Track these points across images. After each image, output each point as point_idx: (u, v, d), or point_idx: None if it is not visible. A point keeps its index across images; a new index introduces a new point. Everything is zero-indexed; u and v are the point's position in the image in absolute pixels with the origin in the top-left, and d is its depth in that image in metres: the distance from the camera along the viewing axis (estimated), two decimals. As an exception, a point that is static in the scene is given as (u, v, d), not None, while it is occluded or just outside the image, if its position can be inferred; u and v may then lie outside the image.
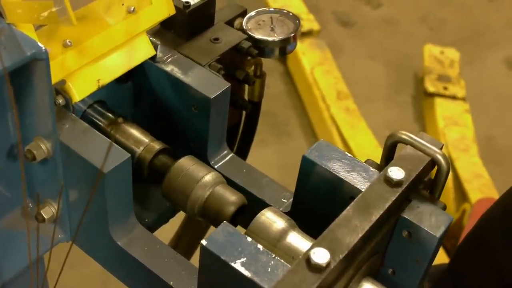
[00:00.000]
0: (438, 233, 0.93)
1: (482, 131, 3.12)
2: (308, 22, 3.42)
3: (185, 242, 1.55)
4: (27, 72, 0.91)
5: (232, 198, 1.04)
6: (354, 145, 2.86)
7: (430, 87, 3.21)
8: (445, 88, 3.20)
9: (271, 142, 3.07)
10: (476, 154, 2.93)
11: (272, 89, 3.25)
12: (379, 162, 1.03)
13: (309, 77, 3.18)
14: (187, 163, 1.07)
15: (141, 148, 1.11)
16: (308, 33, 3.38)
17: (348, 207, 0.90)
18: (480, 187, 2.75)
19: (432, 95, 3.20)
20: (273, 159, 2.95)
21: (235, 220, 1.05)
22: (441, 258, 2.07)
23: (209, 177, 1.05)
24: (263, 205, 1.06)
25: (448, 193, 2.77)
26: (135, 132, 1.12)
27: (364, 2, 3.90)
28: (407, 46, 3.62)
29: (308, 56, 3.27)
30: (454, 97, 3.17)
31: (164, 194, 1.08)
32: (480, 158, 2.91)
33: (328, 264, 0.81)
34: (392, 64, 3.53)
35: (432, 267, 1.53)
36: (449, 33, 3.75)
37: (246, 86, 1.30)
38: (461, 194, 2.77)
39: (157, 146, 1.11)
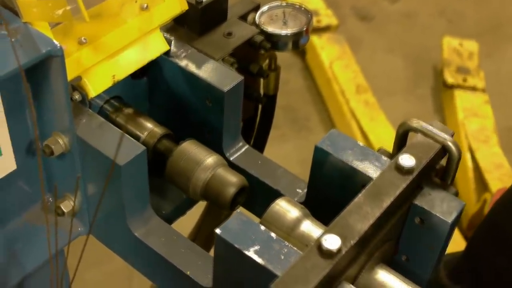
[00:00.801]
0: (450, 219, 0.94)
1: (502, 122, 3.11)
2: (327, 17, 3.43)
3: (203, 235, 1.57)
4: (44, 69, 0.94)
5: (233, 179, 1.06)
6: (373, 138, 2.86)
7: (449, 79, 3.20)
8: (465, 80, 3.20)
9: (291, 137, 3.08)
10: (496, 144, 2.92)
11: (291, 85, 3.26)
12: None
13: (328, 71, 3.19)
14: (189, 147, 1.09)
15: (145, 133, 1.13)
16: (327, 28, 3.39)
17: (360, 195, 0.91)
18: (501, 176, 2.74)
19: (451, 87, 3.19)
20: (293, 154, 2.96)
21: (235, 201, 1.08)
22: (462, 247, 2.07)
23: (210, 159, 1.07)
24: (278, 195, 1.07)
25: (469, 183, 2.77)
26: (139, 119, 1.15)
27: (382, -4, 3.90)
28: (425, 39, 3.61)
29: (327, 51, 3.28)
30: (473, 89, 3.17)
31: (168, 177, 1.10)
32: (500, 148, 2.91)
33: (339, 250, 0.83)
34: (411, 57, 3.53)
35: (449, 254, 1.54)
36: (468, 26, 3.74)
37: (261, 80, 1.32)
38: (482, 185, 2.76)
39: (160, 131, 1.13)
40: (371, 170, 1.00)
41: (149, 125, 1.14)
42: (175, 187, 1.12)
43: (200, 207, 1.43)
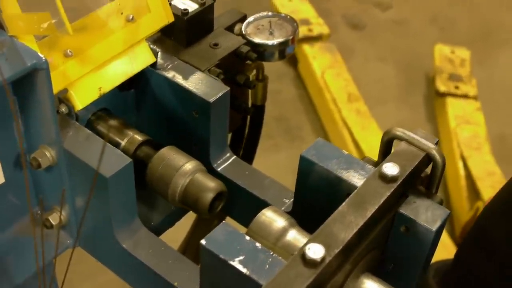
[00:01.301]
0: (434, 227, 0.95)
1: (494, 129, 3.12)
2: (318, 26, 3.44)
3: (193, 247, 1.57)
4: (30, 82, 0.94)
5: (211, 184, 1.07)
6: (365, 146, 2.87)
7: (442, 86, 3.21)
8: (457, 88, 3.21)
9: (284, 146, 3.08)
10: (488, 152, 2.93)
11: (284, 94, 3.27)
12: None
13: (320, 80, 3.19)
14: (167, 153, 1.10)
15: (125, 140, 1.14)
16: (318, 37, 3.39)
17: (344, 203, 0.91)
18: (493, 184, 2.75)
19: (443, 95, 3.20)
20: (286, 164, 2.96)
21: (213, 206, 1.09)
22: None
23: (188, 165, 1.08)
24: (265, 205, 1.08)
25: (461, 191, 2.77)
26: (121, 127, 1.16)
27: (373, 5, 3.91)
28: (417, 47, 3.63)
29: (319, 60, 3.28)
30: (465, 96, 3.17)
31: (148, 183, 1.11)
32: (492, 156, 2.91)
33: (323, 259, 0.83)
34: (402, 65, 3.54)
35: (439, 261, 1.54)
36: (460, 33, 3.75)
37: (250, 90, 1.32)
38: (474, 193, 2.77)
39: (140, 138, 1.14)
40: (356, 178, 1.01)
41: (129, 132, 1.15)
42: (160, 196, 1.12)
43: (189, 218, 1.43)
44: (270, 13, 1.29)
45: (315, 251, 0.83)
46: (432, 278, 1.61)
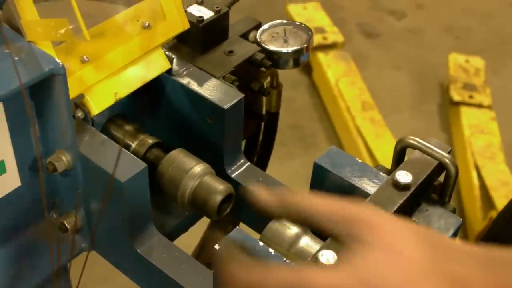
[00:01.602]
0: (447, 235, 0.95)
1: (509, 139, 3.12)
2: (333, 34, 3.45)
3: (207, 253, 1.58)
4: (47, 87, 0.95)
5: (219, 187, 1.08)
6: (379, 155, 2.87)
7: (456, 95, 3.21)
8: (471, 97, 3.21)
9: (298, 154, 3.09)
10: (502, 161, 2.92)
11: (298, 102, 3.28)
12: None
13: (334, 89, 3.20)
14: (177, 155, 1.12)
15: (135, 142, 1.15)
16: (333, 46, 3.41)
17: (357, 211, 0.92)
18: (507, 194, 2.74)
19: (457, 104, 3.20)
20: (300, 172, 2.97)
21: (222, 208, 1.10)
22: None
23: (197, 168, 1.09)
24: (278, 212, 1.08)
25: (475, 201, 2.77)
26: (131, 129, 1.17)
27: (388, 13, 3.91)
28: (432, 56, 3.63)
29: (333, 68, 3.29)
30: (480, 106, 3.17)
31: (158, 185, 1.12)
32: (507, 165, 2.91)
33: (336, 266, 0.84)
34: (417, 74, 3.54)
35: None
36: (475, 42, 3.75)
37: (264, 97, 1.33)
38: (488, 202, 2.77)
39: (150, 140, 1.15)
40: (369, 186, 1.01)
41: (140, 135, 1.16)
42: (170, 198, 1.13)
43: (203, 223, 1.44)
44: (285, 21, 1.29)
45: (328, 258, 0.83)
46: None
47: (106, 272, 1.04)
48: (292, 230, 0.98)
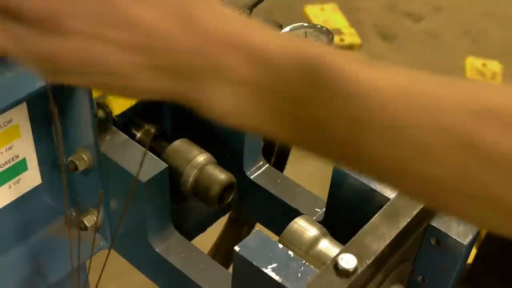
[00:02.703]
0: (465, 241, 0.95)
1: (525, 144, 3.10)
2: (350, 36, 3.45)
3: (223, 252, 1.58)
4: (70, 86, 0.96)
5: (221, 176, 1.10)
6: (395, 157, 2.87)
7: (472, 99, 3.20)
8: (487, 101, 3.20)
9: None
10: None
11: (314, 103, 3.27)
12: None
13: (350, 90, 3.20)
14: (180, 145, 1.13)
15: (140, 131, 1.17)
16: (350, 47, 3.40)
17: (376, 215, 0.92)
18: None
19: (474, 108, 3.19)
20: (315, 172, 2.97)
21: (223, 197, 1.11)
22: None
23: (200, 157, 1.10)
24: (297, 214, 1.09)
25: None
26: (135, 119, 1.18)
27: (405, 16, 3.91)
28: (449, 59, 3.62)
29: (350, 70, 3.29)
30: (496, 110, 3.16)
31: None
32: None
33: (355, 269, 0.84)
34: (433, 77, 3.53)
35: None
36: (492, 46, 3.74)
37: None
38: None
39: (153, 129, 1.17)
40: (389, 190, 1.01)
41: (144, 124, 1.17)
42: (197, 203, 1.14)
43: (220, 224, 1.45)
44: (306, 24, 1.29)
45: (348, 261, 0.84)
46: None
47: (120, 270, 1.05)
48: (311, 232, 0.99)
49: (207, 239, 1.39)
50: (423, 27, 3.85)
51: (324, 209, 1.13)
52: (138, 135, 1.17)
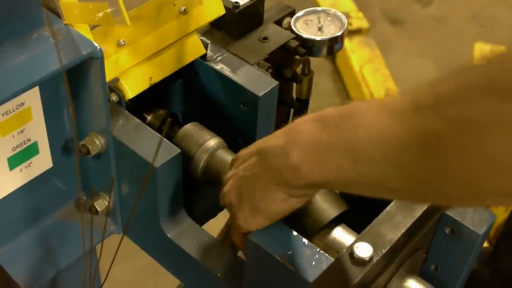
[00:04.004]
0: (480, 231, 0.95)
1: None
2: (357, 20, 3.43)
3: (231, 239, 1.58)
4: (83, 70, 0.95)
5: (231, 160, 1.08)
6: (402, 142, 2.86)
7: (480, 85, 3.19)
8: (495, 87, 3.18)
9: (320, 140, 3.08)
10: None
11: (321, 87, 3.26)
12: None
13: (358, 75, 3.18)
14: (191, 129, 1.12)
15: (151, 115, 1.16)
16: (357, 31, 3.38)
17: (391, 204, 0.92)
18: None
19: (482, 93, 3.17)
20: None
21: None
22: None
23: (211, 141, 1.09)
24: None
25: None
26: (146, 102, 1.17)
27: (414, 0, 3.88)
28: (457, 44, 3.60)
29: (357, 54, 3.27)
30: (504, 96, 3.15)
31: None
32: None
33: (371, 258, 0.84)
34: (441, 62, 3.51)
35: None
36: (500, 31, 3.71)
37: (294, 84, 1.33)
38: (510, 194, 2.75)
39: (164, 113, 1.16)
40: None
41: (155, 107, 1.17)
42: (207, 188, 1.13)
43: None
44: (319, 9, 1.28)
45: (364, 250, 0.84)
46: None
47: (125, 252, 1.04)
48: (325, 220, 0.98)
49: (219, 224, 1.38)
50: (432, 11, 3.83)
51: (337, 196, 1.13)
52: (149, 118, 1.16)
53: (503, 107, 0.62)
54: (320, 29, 1.25)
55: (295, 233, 0.90)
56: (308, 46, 1.23)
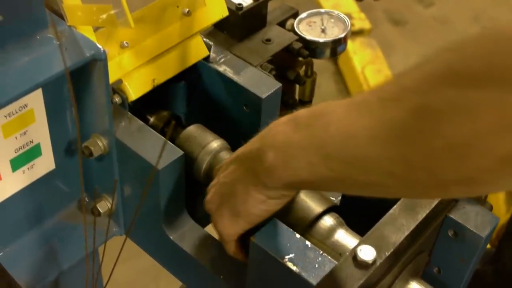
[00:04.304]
0: (483, 233, 0.95)
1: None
2: (360, 21, 3.43)
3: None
4: (87, 72, 0.95)
5: None
6: (404, 144, 2.86)
7: (482, 86, 3.18)
8: (497, 88, 3.18)
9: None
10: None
11: (323, 88, 3.26)
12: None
13: (360, 76, 3.18)
14: (194, 130, 1.11)
15: (153, 116, 1.16)
16: (359, 32, 3.38)
17: (395, 206, 0.92)
18: (532, 188, 2.72)
19: (484, 95, 3.17)
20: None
21: None
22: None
23: (214, 143, 1.09)
24: (311, 203, 1.08)
25: (499, 194, 2.75)
26: (149, 104, 1.16)
27: (416, 1, 3.88)
28: (459, 46, 3.59)
29: (359, 55, 3.27)
30: (506, 97, 3.14)
31: None
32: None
33: (374, 261, 0.83)
34: (443, 64, 3.51)
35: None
36: (503, 33, 3.71)
37: (297, 86, 1.33)
38: (512, 195, 2.75)
39: (167, 115, 1.16)
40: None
41: (158, 109, 1.17)
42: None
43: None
44: (322, 10, 1.28)
45: (367, 253, 0.83)
46: None
47: (126, 253, 1.04)
48: (327, 222, 0.98)
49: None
50: (434, 13, 3.83)
51: (339, 198, 1.13)
52: (152, 120, 1.16)
53: (461, 94, 0.63)
54: (323, 31, 1.25)
55: (297, 235, 0.90)
56: (311, 48, 1.23)
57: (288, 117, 0.83)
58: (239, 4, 1.17)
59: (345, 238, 0.97)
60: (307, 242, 0.89)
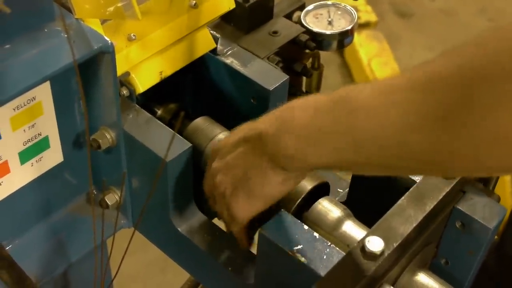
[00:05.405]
0: (491, 225, 0.95)
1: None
2: (366, 13, 3.42)
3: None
4: (94, 64, 0.95)
5: None
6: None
7: (489, 78, 3.18)
8: (504, 80, 3.17)
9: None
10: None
11: (329, 81, 3.24)
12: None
13: (367, 69, 3.18)
14: (202, 123, 1.12)
15: (161, 109, 1.16)
16: (366, 25, 3.38)
17: (403, 197, 0.92)
18: (538, 180, 2.72)
19: (490, 87, 3.16)
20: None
21: None
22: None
23: (221, 135, 1.09)
24: (319, 195, 1.08)
25: (505, 186, 2.75)
26: (156, 96, 1.17)
27: (422, -7, 3.88)
28: (465, 37, 3.56)
29: (366, 48, 3.27)
30: (513, 89, 3.14)
31: None
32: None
33: (382, 252, 0.84)
34: (450, 56, 3.50)
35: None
36: (509, 25, 3.70)
37: (304, 78, 1.33)
38: (518, 188, 2.74)
39: (175, 107, 1.16)
40: (414, 174, 1.00)
41: (165, 101, 1.17)
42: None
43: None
44: (329, 2, 1.28)
45: (375, 244, 0.84)
46: None
47: (133, 246, 1.04)
48: (335, 213, 0.98)
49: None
50: (440, 5, 3.82)
51: (346, 190, 1.13)
52: (159, 112, 1.16)
53: (500, 87, 0.64)
54: (330, 23, 1.25)
55: (306, 227, 0.90)
56: (318, 40, 1.23)
57: (302, 102, 0.83)
58: (246, -4, 1.17)
59: (353, 229, 0.97)
60: (315, 234, 0.90)
